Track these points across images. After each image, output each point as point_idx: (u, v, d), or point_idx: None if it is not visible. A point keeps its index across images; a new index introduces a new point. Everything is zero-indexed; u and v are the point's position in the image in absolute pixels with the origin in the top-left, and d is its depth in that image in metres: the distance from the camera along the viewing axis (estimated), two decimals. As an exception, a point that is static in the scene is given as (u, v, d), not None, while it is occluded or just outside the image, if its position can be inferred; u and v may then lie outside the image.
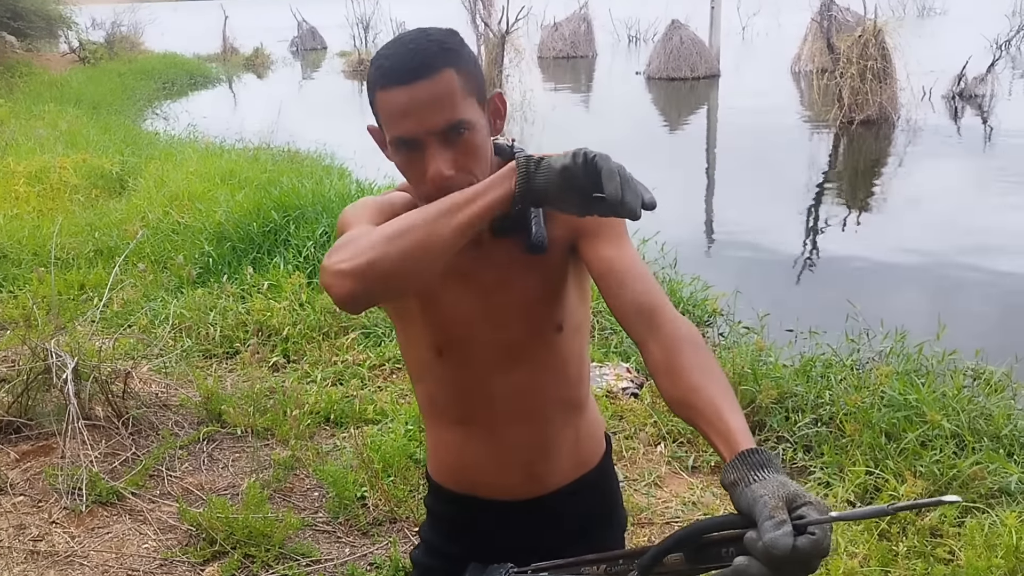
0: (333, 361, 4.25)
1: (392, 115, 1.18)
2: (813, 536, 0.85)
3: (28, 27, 18.37)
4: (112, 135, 10.59)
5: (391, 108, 1.18)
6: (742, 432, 1.02)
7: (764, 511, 0.87)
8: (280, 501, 3.17)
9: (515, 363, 1.35)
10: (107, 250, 5.94)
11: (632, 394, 3.86)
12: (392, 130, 1.20)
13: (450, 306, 1.33)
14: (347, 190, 6.36)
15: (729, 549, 0.94)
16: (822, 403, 3.52)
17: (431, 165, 1.18)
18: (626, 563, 1.05)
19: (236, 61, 25.88)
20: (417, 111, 1.17)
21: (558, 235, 1.29)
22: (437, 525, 1.52)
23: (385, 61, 1.19)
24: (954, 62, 13.53)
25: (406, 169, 1.23)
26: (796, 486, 0.91)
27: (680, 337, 1.17)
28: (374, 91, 1.20)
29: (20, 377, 3.49)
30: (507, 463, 1.39)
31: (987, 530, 2.68)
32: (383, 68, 1.18)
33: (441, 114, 1.17)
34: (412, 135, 1.18)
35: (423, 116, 1.17)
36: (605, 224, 1.27)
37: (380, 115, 1.21)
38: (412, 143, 1.19)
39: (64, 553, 2.86)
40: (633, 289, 1.22)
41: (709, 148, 12.14)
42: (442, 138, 1.18)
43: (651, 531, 2.92)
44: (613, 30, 28.25)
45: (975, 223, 7.52)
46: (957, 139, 11.34)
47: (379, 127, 1.25)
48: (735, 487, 0.94)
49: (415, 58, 1.17)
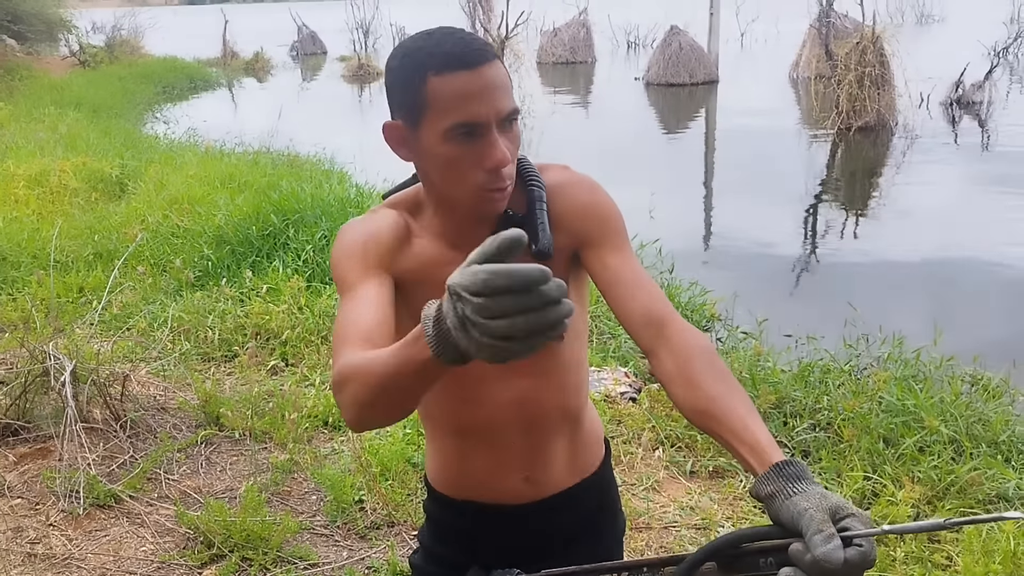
0: (331, 364, 4.24)
1: (456, 99, 1.13)
2: (861, 548, 0.86)
3: (29, 30, 18.41)
4: (112, 138, 10.60)
5: (459, 92, 1.12)
6: (770, 444, 1.02)
7: (812, 524, 0.87)
8: (278, 504, 3.17)
9: (514, 371, 1.32)
10: (106, 253, 5.94)
11: (630, 399, 3.86)
12: (453, 116, 1.13)
13: None
14: (346, 194, 6.36)
15: (768, 559, 0.94)
16: (820, 408, 3.52)
17: (496, 150, 1.14)
18: (650, 572, 1.02)
19: (236, 65, 25.91)
20: (489, 93, 1.13)
21: (561, 243, 1.28)
22: (436, 530, 1.51)
23: (437, 48, 1.14)
24: (952, 69, 13.56)
25: (458, 161, 1.16)
26: (837, 497, 0.91)
27: (693, 346, 1.15)
28: (423, 77, 1.13)
29: (18, 380, 3.49)
30: (505, 470, 1.39)
31: (985, 536, 2.68)
32: (437, 53, 1.14)
33: (505, 100, 1.15)
34: (483, 119, 1.13)
35: (493, 99, 1.14)
36: (609, 233, 1.27)
37: (432, 102, 1.14)
38: (477, 129, 1.14)
39: (61, 556, 2.86)
40: (641, 298, 1.21)
41: (707, 154, 12.16)
42: (502, 125, 1.16)
43: (649, 536, 2.92)
44: (612, 36, 28.31)
45: (972, 229, 7.53)
46: (954, 146, 11.36)
47: (404, 122, 1.18)
48: (773, 499, 0.93)
49: (476, 43, 1.15)
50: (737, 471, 3.28)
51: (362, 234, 1.27)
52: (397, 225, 1.28)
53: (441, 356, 0.86)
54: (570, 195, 1.29)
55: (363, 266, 1.23)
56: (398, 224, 1.29)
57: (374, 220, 1.30)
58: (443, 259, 1.26)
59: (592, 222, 1.28)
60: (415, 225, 1.30)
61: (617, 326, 4.59)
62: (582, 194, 1.30)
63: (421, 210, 1.31)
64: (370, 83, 22.29)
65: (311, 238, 5.45)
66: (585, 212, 1.28)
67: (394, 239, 1.27)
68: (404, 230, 1.29)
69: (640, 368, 4.19)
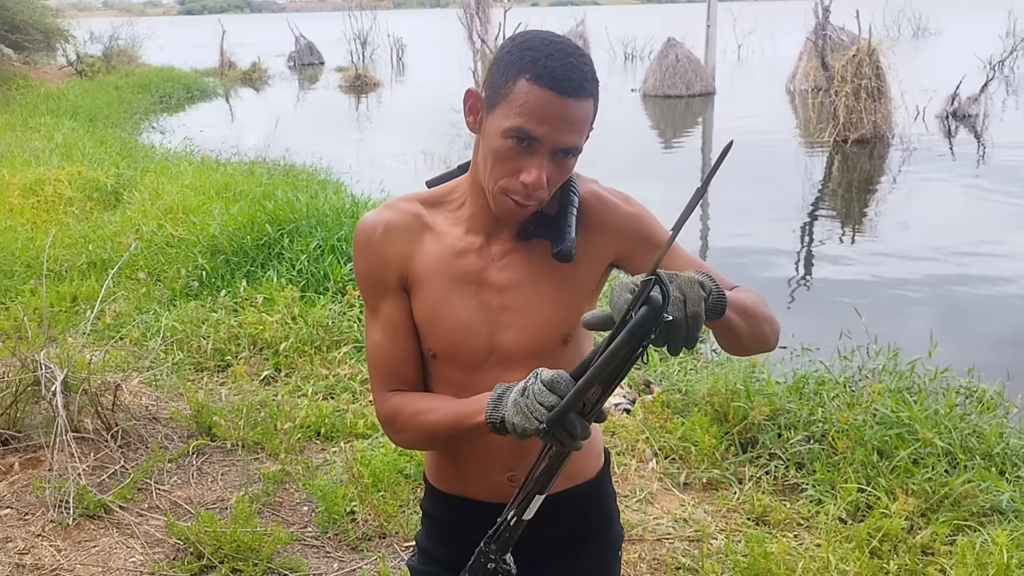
0: (325, 375, 4.23)
1: (532, 112, 1.20)
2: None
3: (26, 40, 18.41)
4: (108, 148, 10.59)
5: (536, 106, 1.20)
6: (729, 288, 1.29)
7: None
8: (269, 515, 3.15)
9: (510, 369, 1.36)
10: (100, 262, 5.92)
11: (624, 410, 3.85)
12: (519, 120, 1.21)
13: (453, 310, 1.35)
14: (342, 204, 6.35)
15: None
16: (815, 420, 3.51)
17: (536, 171, 1.23)
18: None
19: (233, 75, 25.94)
20: (560, 124, 1.21)
21: (598, 250, 1.36)
22: (431, 528, 1.54)
23: (544, 58, 1.21)
24: (948, 82, 13.61)
25: (503, 158, 1.24)
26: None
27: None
28: (518, 74, 1.21)
29: (9, 389, 3.46)
30: (491, 467, 1.41)
31: (979, 548, 2.67)
32: (541, 63, 1.20)
33: (572, 136, 1.23)
34: (541, 139, 1.21)
35: (561, 130, 1.21)
36: (652, 241, 1.36)
37: (512, 99, 1.22)
38: (532, 143, 1.22)
39: (50, 567, 2.84)
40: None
41: (704, 165, 12.17)
42: (555, 154, 1.23)
43: (642, 548, 2.91)
44: (609, 47, 28.42)
45: (968, 241, 7.54)
46: (951, 158, 11.40)
47: (486, 97, 1.27)
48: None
49: (579, 75, 1.22)
50: (731, 483, 3.27)
51: (370, 252, 1.38)
52: (410, 222, 1.38)
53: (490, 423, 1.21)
54: (610, 209, 1.37)
55: (382, 287, 1.38)
56: (411, 220, 1.38)
57: (387, 219, 1.38)
58: (457, 248, 1.36)
59: (636, 239, 1.37)
60: (431, 217, 1.38)
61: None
62: (622, 209, 1.38)
63: (445, 201, 1.39)
64: (367, 94, 22.33)
65: (306, 248, 5.44)
66: (629, 228, 1.37)
67: (406, 240, 1.37)
68: (418, 223, 1.38)
69: (635, 379, 4.18)
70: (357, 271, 1.41)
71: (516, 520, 1.22)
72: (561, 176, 1.27)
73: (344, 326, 4.63)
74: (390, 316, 1.38)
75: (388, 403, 1.39)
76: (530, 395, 1.13)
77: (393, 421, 1.38)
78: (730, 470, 3.33)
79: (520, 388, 1.15)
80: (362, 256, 1.39)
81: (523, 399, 1.13)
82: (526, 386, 1.14)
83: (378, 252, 1.37)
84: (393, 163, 11.06)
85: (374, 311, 1.40)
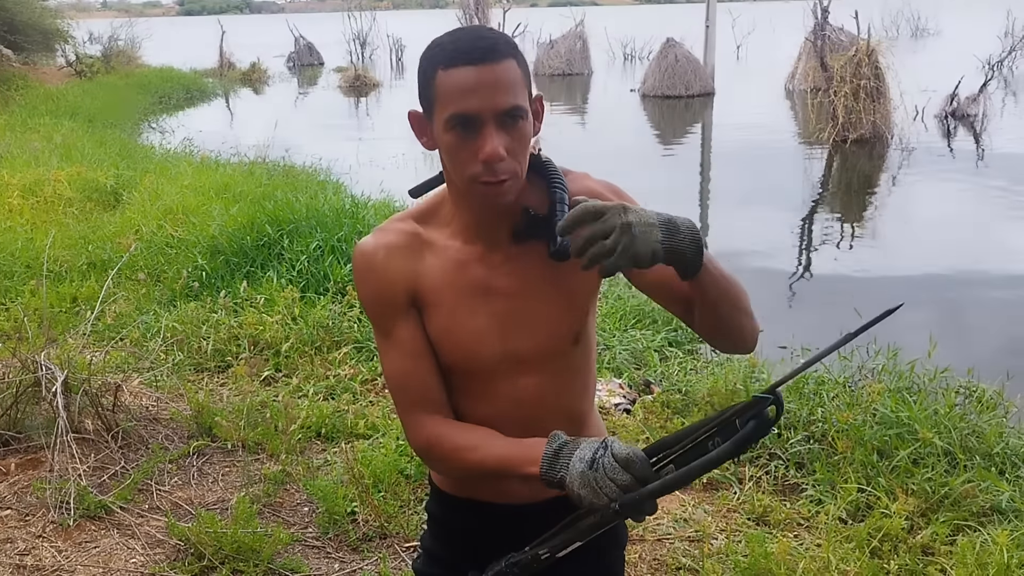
0: (325, 375, 4.24)
1: (455, 92, 1.21)
2: None
3: (25, 40, 18.39)
4: (107, 148, 10.59)
5: (455, 85, 1.20)
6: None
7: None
8: (270, 516, 3.15)
9: (522, 373, 1.36)
10: (100, 263, 5.92)
11: (624, 410, 3.85)
12: (451, 107, 1.21)
13: (466, 322, 1.34)
14: (341, 205, 6.35)
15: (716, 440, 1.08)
16: (814, 420, 3.51)
17: (488, 143, 1.21)
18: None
19: (233, 76, 25.95)
20: (484, 89, 1.20)
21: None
22: (438, 531, 1.53)
23: (450, 44, 1.22)
24: (947, 82, 13.62)
25: (456, 150, 1.24)
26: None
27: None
28: (434, 70, 1.23)
29: (9, 390, 3.46)
30: None
31: (979, 548, 2.67)
32: (448, 49, 1.22)
33: (505, 96, 1.21)
34: (475, 112, 1.20)
35: (489, 95, 1.20)
36: None
37: (438, 94, 1.23)
38: (471, 121, 1.21)
39: (51, 568, 2.84)
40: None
41: (704, 166, 12.18)
42: (500, 121, 1.21)
43: (642, 548, 2.91)
44: (609, 48, 28.43)
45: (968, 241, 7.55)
46: (950, 158, 11.40)
47: (423, 112, 1.28)
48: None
49: (484, 42, 1.22)
50: (731, 483, 3.27)
51: (373, 274, 1.35)
52: (409, 241, 1.35)
53: (544, 480, 1.19)
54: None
55: (393, 309, 1.34)
56: (410, 239, 1.35)
57: (387, 242, 1.35)
58: (459, 261, 1.33)
59: None
60: (428, 234, 1.36)
61: (611, 336, 4.59)
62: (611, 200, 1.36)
63: (436, 215, 1.37)
64: (366, 94, 22.33)
65: (306, 248, 5.44)
66: None
67: (409, 259, 1.34)
68: (416, 242, 1.35)
69: (634, 379, 4.19)
70: (364, 298, 1.37)
71: (548, 557, 1.22)
72: (520, 143, 1.24)
73: (344, 327, 4.63)
74: (407, 336, 1.35)
75: (423, 433, 1.34)
76: (600, 469, 1.11)
77: (429, 451, 1.35)
78: (730, 470, 3.34)
79: (589, 460, 1.12)
80: (367, 282, 1.36)
81: (593, 473, 1.11)
82: (595, 458, 1.12)
83: (383, 275, 1.34)
84: (393, 163, 11.06)
85: (387, 335, 1.36)
